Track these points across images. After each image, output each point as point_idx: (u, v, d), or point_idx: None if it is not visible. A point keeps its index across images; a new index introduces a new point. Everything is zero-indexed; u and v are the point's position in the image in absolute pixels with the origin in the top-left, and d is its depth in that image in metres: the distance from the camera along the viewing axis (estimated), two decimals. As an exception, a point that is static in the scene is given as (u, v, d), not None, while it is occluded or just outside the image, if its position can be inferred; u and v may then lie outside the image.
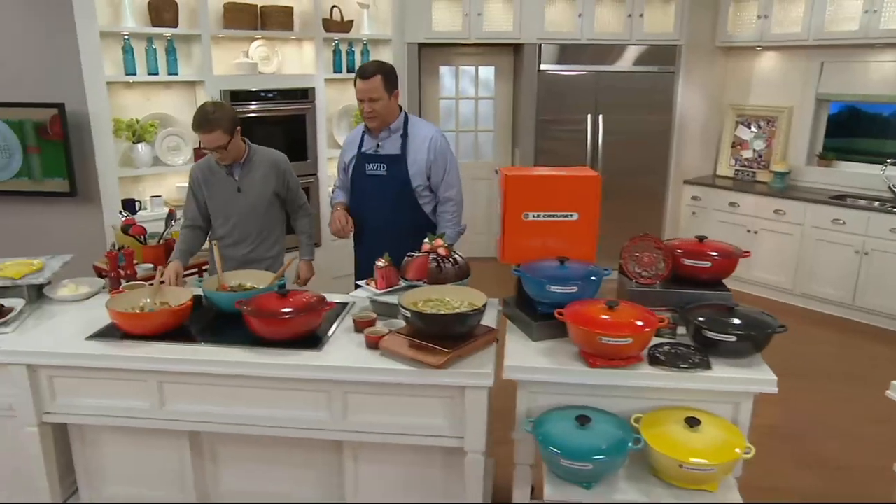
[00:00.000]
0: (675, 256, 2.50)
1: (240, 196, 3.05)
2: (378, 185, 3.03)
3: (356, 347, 2.31)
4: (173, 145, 4.51)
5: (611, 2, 5.41)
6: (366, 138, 3.08)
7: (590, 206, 2.54)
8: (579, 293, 2.31)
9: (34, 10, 3.95)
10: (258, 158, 3.09)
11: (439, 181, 3.05)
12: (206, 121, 2.85)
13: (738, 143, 5.81)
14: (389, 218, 3.04)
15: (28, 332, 2.48)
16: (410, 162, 3.00)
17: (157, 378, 2.29)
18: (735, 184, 5.61)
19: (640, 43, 5.45)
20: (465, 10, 5.32)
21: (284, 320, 2.26)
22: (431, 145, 3.01)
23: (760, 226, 5.27)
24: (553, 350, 2.27)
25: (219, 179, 3.05)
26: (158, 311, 2.38)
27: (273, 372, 2.21)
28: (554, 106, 5.64)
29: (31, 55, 4.01)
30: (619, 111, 5.61)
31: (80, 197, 4.15)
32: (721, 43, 5.58)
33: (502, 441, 2.62)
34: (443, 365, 2.11)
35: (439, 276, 2.48)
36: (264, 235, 3.14)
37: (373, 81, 2.88)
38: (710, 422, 2.01)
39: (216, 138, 2.87)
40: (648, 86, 5.57)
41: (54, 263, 2.88)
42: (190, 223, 3.10)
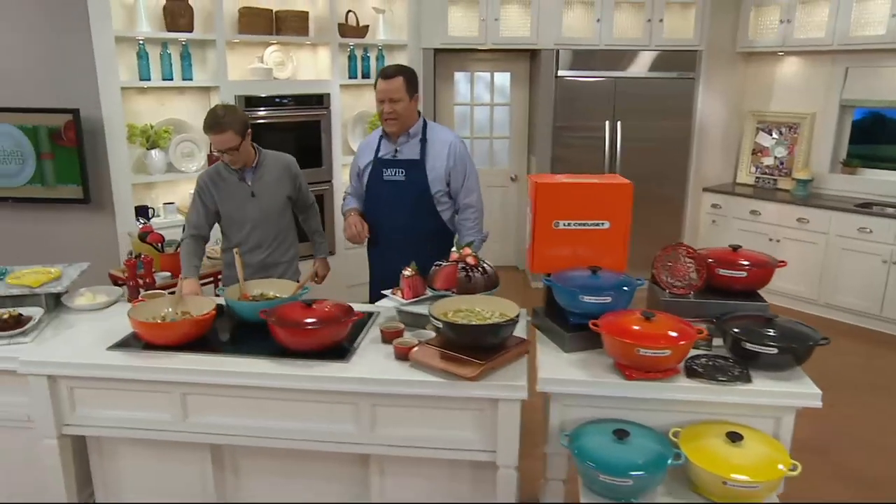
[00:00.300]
0: (708, 266, 2.48)
1: (254, 201, 3.04)
2: (396, 192, 3.01)
3: (384, 359, 2.28)
4: (187, 151, 4.51)
5: (629, 7, 5.41)
6: (383, 143, 3.07)
7: (621, 214, 2.52)
8: (613, 304, 2.29)
9: (49, 15, 3.96)
10: (269, 162, 3.09)
11: (459, 187, 3.03)
12: (218, 122, 2.85)
13: (758, 149, 5.79)
14: (407, 225, 3.02)
15: (47, 342, 2.47)
16: (429, 168, 2.98)
17: (181, 390, 2.27)
18: (756, 191, 5.59)
19: (660, 48, 5.43)
20: (481, 14, 5.32)
21: (312, 331, 2.24)
22: (451, 151, 3.00)
23: (783, 234, 5.24)
24: (587, 362, 2.25)
25: (230, 186, 3.04)
26: (182, 321, 2.36)
27: (300, 384, 2.19)
28: (571, 112, 5.63)
29: (45, 60, 4.02)
30: (638, 118, 5.60)
31: (94, 204, 4.15)
32: (742, 48, 5.56)
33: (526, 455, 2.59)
34: (476, 377, 2.09)
35: (468, 285, 2.46)
36: (280, 240, 3.13)
37: (395, 82, 2.87)
38: (753, 437, 1.98)
39: (228, 139, 2.87)
40: (668, 92, 5.55)
41: (72, 272, 2.88)
42: (195, 232, 3.06)
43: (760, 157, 5.77)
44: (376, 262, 3.18)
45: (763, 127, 5.75)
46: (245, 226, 3.04)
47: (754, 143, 5.80)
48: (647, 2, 5.31)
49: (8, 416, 2.47)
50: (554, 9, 5.35)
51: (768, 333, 2.14)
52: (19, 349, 2.41)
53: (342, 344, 2.33)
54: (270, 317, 2.29)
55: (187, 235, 3.03)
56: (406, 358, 2.24)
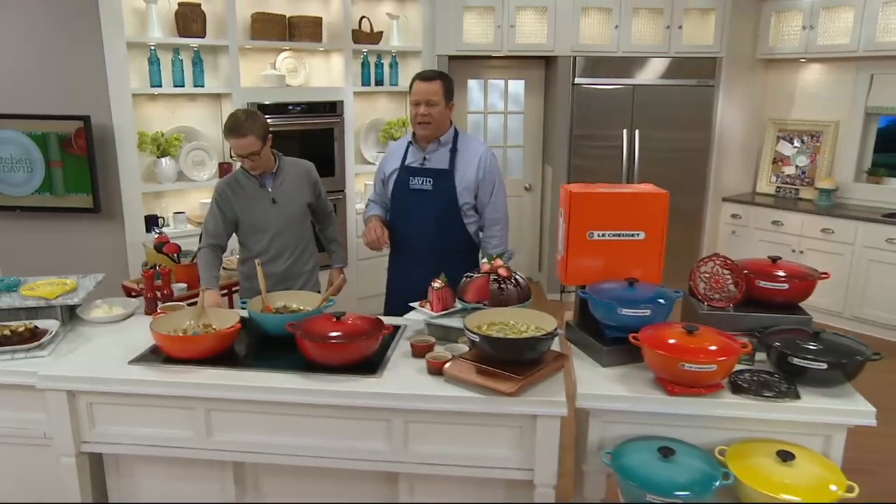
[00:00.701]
0: (747, 278, 2.46)
1: (275, 208, 3.02)
2: (422, 201, 2.99)
3: (416, 373, 2.25)
4: (198, 160, 4.50)
5: (648, 13, 5.41)
6: (411, 150, 3.05)
7: (657, 224, 2.50)
8: (652, 317, 2.27)
9: (60, 20, 3.96)
10: (289, 169, 3.09)
11: (486, 201, 3.01)
12: (239, 126, 2.85)
13: (779, 158, 5.77)
14: (432, 236, 3.00)
15: (65, 357, 2.44)
16: (458, 178, 2.96)
17: (206, 405, 2.24)
18: (777, 201, 5.57)
19: (679, 55, 5.44)
20: (497, 21, 5.32)
21: (343, 345, 2.21)
22: (481, 163, 2.98)
23: (806, 245, 5.22)
24: (626, 377, 2.22)
25: (251, 193, 3.02)
26: (207, 334, 2.34)
27: (331, 399, 2.15)
28: (588, 121, 5.63)
29: (55, 66, 4.01)
30: (656, 126, 5.59)
31: (104, 213, 4.13)
32: (762, 55, 5.56)
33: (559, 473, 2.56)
34: (515, 393, 2.06)
35: (501, 298, 2.44)
36: (301, 249, 3.12)
37: (433, 84, 2.87)
38: (804, 456, 1.95)
39: (249, 144, 2.86)
40: (687, 100, 5.55)
41: (87, 283, 2.85)
42: (213, 241, 3.04)
43: (781, 166, 5.76)
44: (397, 272, 3.15)
45: (784, 135, 5.74)
46: (266, 234, 3.02)
47: (775, 151, 5.79)
48: (666, 8, 5.32)
49: (24, 433, 2.43)
50: (571, 15, 5.36)
51: (816, 348, 2.11)
52: (37, 363, 2.38)
53: (372, 358, 2.30)
54: (298, 330, 2.26)
55: (205, 245, 3.00)
56: (440, 373, 2.21)
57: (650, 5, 5.35)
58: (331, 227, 3.31)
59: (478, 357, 2.21)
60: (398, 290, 3.07)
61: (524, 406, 2.09)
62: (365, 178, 5.42)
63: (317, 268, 3.20)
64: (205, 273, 2.92)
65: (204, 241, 3.01)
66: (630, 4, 5.33)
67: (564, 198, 2.54)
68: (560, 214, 2.58)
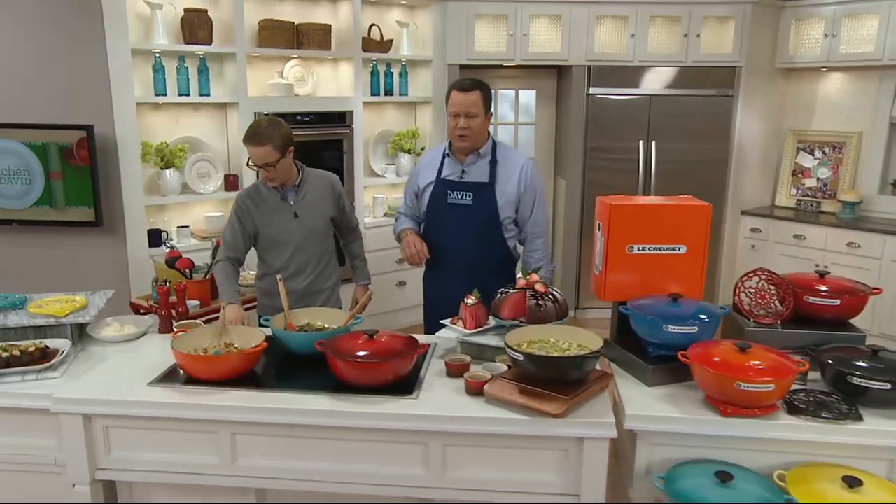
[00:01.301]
0: (795, 294, 2.43)
1: (297, 222, 2.99)
2: (461, 216, 2.95)
3: (453, 394, 2.21)
4: (203, 171, 4.46)
5: (665, 21, 5.43)
6: (447, 163, 3.01)
7: (699, 238, 2.48)
8: (698, 334, 2.24)
9: (62, 26, 3.92)
10: (312, 181, 3.06)
11: (528, 214, 2.98)
12: (258, 134, 2.83)
13: (799, 170, 5.78)
14: (471, 251, 2.96)
15: (79, 378, 2.38)
16: (499, 191, 2.93)
17: (231, 429, 2.18)
18: (797, 214, 5.56)
19: (697, 65, 5.45)
20: (510, 29, 5.33)
21: (377, 364, 2.17)
22: (523, 175, 2.95)
23: (831, 260, 5.20)
24: (673, 396, 2.19)
25: (272, 206, 2.99)
26: (233, 354, 2.29)
27: (365, 422, 2.11)
28: (603, 132, 5.62)
29: (56, 74, 3.97)
30: (674, 137, 5.59)
31: (105, 227, 4.08)
32: (781, 64, 5.58)
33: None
34: (562, 414, 2.02)
35: (539, 314, 2.40)
36: (322, 265, 3.08)
37: (472, 95, 2.84)
38: (871, 482, 1.91)
39: (265, 153, 2.83)
40: (705, 110, 5.55)
41: (98, 300, 2.80)
42: (231, 255, 3.00)
43: (801, 179, 5.77)
44: (433, 289, 3.11)
45: (804, 146, 5.75)
46: (287, 249, 2.98)
47: (795, 163, 5.80)
48: (684, 16, 5.34)
49: (32, 459, 2.35)
50: (585, 24, 5.37)
51: (876, 367, 2.09)
52: (49, 385, 2.32)
53: (406, 378, 2.26)
54: (329, 349, 2.22)
55: (223, 258, 2.96)
56: (479, 393, 2.17)
57: (667, 13, 5.37)
58: (355, 243, 3.27)
59: (519, 376, 2.18)
60: (436, 306, 3.02)
61: (571, 428, 2.05)
62: (373, 191, 5.40)
63: (338, 285, 3.16)
64: (225, 287, 2.88)
65: (221, 253, 2.97)
66: (646, 12, 5.35)
67: (603, 210, 2.51)
68: (598, 228, 2.56)
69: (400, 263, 5.26)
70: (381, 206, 5.28)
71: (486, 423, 2.08)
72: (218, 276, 2.92)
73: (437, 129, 5.47)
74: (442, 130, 5.49)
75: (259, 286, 3.12)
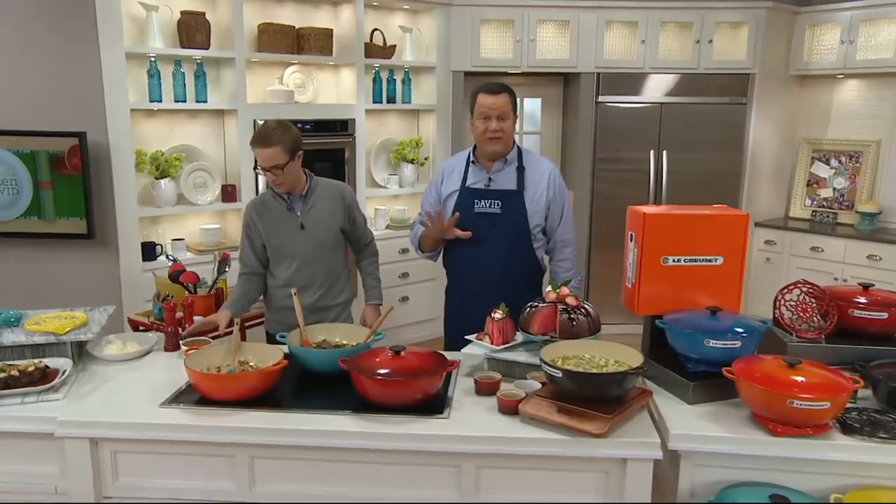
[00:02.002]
0: (839, 307, 2.42)
1: (304, 234, 2.95)
2: (489, 225, 2.92)
3: (486, 413, 2.17)
4: (200, 182, 4.41)
5: (676, 27, 5.46)
6: (472, 171, 2.98)
7: (737, 249, 2.47)
8: (741, 349, 2.22)
9: (53, 27, 3.86)
10: (321, 191, 3.02)
11: (556, 223, 2.97)
12: (266, 136, 2.81)
13: (814, 180, 5.81)
14: (500, 263, 2.93)
15: (83, 400, 2.31)
16: (528, 199, 2.91)
17: (249, 452, 2.13)
18: (813, 226, 5.58)
19: (709, 72, 5.47)
20: (517, 35, 5.33)
21: (406, 382, 2.12)
22: (551, 181, 2.94)
23: (850, 273, 5.21)
24: (717, 415, 2.15)
25: (277, 216, 2.95)
26: (251, 372, 2.24)
27: (394, 444, 2.06)
28: (612, 141, 5.63)
29: (46, 79, 3.91)
30: (685, 147, 5.60)
31: (97, 240, 4.01)
32: (796, 71, 5.61)
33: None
34: (605, 433, 1.98)
35: (571, 329, 2.37)
36: (332, 280, 3.04)
37: (502, 97, 2.83)
38: (934, 503, 1.89)
39: (273, 155, 2.80)
40: (718, 119, 5.57)
41: (99, 316, 2.74)
42: (248, 270, 3.00)
43: (817, 189, 5.79)
44: (457, 304, 3.08)
45: (819, 156, 5.78)
46: (293, 262, 2.94)
47: (809, 173, 5.83)
48: (696, 21, 5.36)
49: (32, 488, 2.27)
50: (594, 29, 5.38)
51: (933, 382, 2.07)
52: (51, 408, 2.25)
53: (434, 397, 2.22)
54: (354, 367, 2.17)
55: (240, 274, 2.97)
56: (513, 412, 2.13)
57: (678, 19, 5.39)
58: (368, 260, 3.21)
59: (555, 394, 2.14)
60: (458, 321, 2.98)
61: (613, 448, 2.01)
62: (375, 202, 5.37)
63: (350, 301, 3.12)
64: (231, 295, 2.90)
65: (241, 269, 3.00)
66: (657, 18, 5.37)
67: (635, 220, 2.49)
68: (630, 238, 2.54)
69: (403, 278, 5.22)
70: (383, 219, 5.24)
71: (523, 443, 2.04)
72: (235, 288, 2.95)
73: (441, 138, 5.45)
74: (446, 140, 5.48)
75: (266, 301, 3.07)
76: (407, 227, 5.28)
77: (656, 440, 2.02)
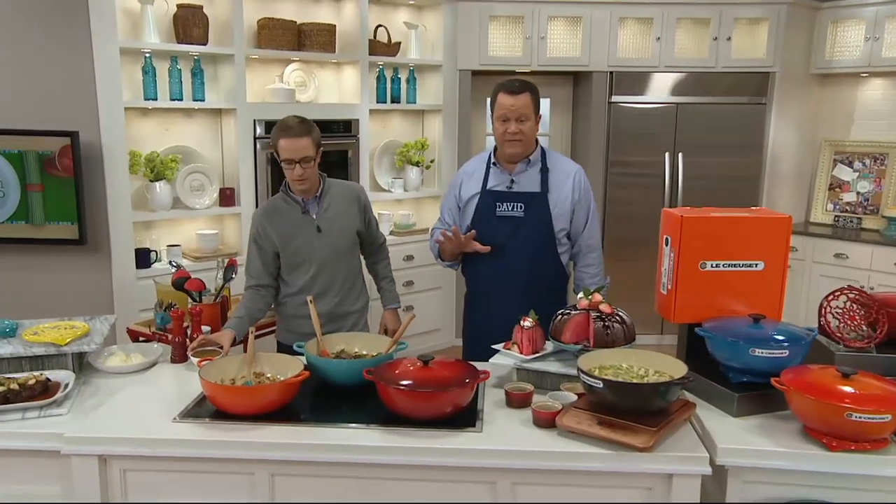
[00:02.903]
0: (889, 315, 2.41)
1: (321, 237, 2.93)
2: (512, 230, 2.91)
3: (520, 426, 2.15)
4: (197, 185, 4.38)
5: (692, 24, 5.48)
6: (493, 172, 2.97)
7: (778, 253, 2.47)
8: (789, 358, 2.21)
9: (43, 21, 3.83)
10: (335, 191, 3.01)
11: (581, 227, 2.96)
12: (295, 125, 2.81)
13: (836, 184, 5.83)
14: (523, 269, 2.91)
15: (89, 415, 2.28)
16: (552, 201, 2.90)
17: (270, 469, 2.10)
18: (835, 231, 5.59)
19: (728, 70, 5.49)
20: (526, 32, 5.33)
21: (436, 393, 2.10)
22: (576, 183, 2.93)
23: (877, 281, 5.22)
24: (765, 428, 2.14)
25: (291, 220, 2.93)
26: (273, 384, 2.21)
27: (426, 459, 2.03)
28: (625, 144, 5.64)
29: (36, 75, 3.88)
30: (702, 149, 5.61)
31: (90, 246, 3.97)
32: (817, 69, 5.64)
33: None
34: (650, 447, 1.96)
35: (606, 338, 2.36)
36: (349, 284, 3.02)
37: (523, 98, 2.81)
38: None
39: (304, 147, 2.80)
40: (736, 120, 5.58)
41: (100, 326, 2.72)
42: (254, 283, 2.95)
43: (839, 193, 5.81)
44: (479, 310, 3.06)
45: (841, 158, 5.80)
46: (310, 268, 2.92)
47: (831, 176, 5.85)
48: (713, 18, 5.38)
49: (32, 509, 2.26)
50: (607, 26, 5.39)
51: None
52: (54, 423, 2.22)
53: (465, 409, 2.19)
54: (379, 377, 2.15)
55: (246, 286, 2.93)
56: (549, 425, 2.11)
57: (695, 15, 5.41)
58: (382, 262, 3.20)
59: (594, 406, 2.12)
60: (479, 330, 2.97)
61: (659, 463, 1.99)
62: (379, 207, 5.33)
63: (367, 307, 3.11)
64: (235, 312, 2.87)
65: (247, 281, 2.95)
66: (673, 14, 5.38)
67: (671, 223, 2.48)
68: (665, 243, 2.53)
69: (408, 286, 5.20)
70: (387, 224, 5.22)
71: (562, 458, 2.02)
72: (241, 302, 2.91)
73: (447, 140, 5.44)
74: (452, 142, 5.47)
75: (279, 310, 3.04)
76: (412, 232, 5.27)
77: (704, 455, 2.00)
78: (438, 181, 5.53)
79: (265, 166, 4.47)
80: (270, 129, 4.42)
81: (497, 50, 5.41)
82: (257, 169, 4.46)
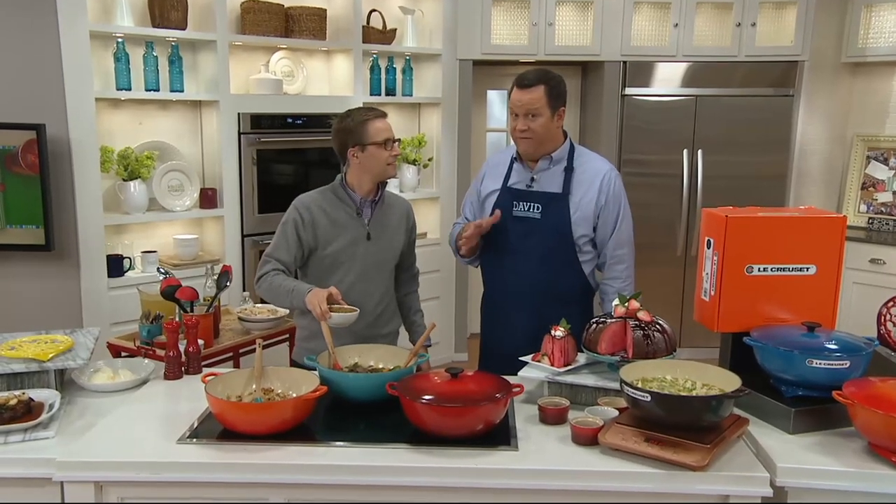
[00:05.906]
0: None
1: (368, 244, 2.93)
2: (526, 232, 2.94)
3: (558, 443, 2.19)
4: (175, 184, 4.39)
5: (714, 8, 5.56)
6: (515, 169, 3.01)
7: (831, 256, 2.53)
8: (849, 370, 2.25)
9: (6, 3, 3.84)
10: (391, 201, 3.05)
11: (607, 235, 2.97)
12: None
13: (870, 183, 5.92)
14: (536, 276, 2.94)
15: (79, 437, 2.27)
16: (573, 204, 2.92)
17: (286, 494, 2.11)
18: (869, 235, 5.68)
19: (752, 59, 5.58)
20: (532, 18, 5.39)
21: (468, 409, 2.13)
22: (604, 185, 2.94)
23: (917, 289, 5.32)
24: (826, 445, 2.18)
25: (340, 221, 2.91)
26: (288, 400, 2.23)
27: (458, 480, 2.06)
28: (639, 140, 5.72)
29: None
30: (724, 146, 5.70)
31: (57, 252, 3.96)
32: (849, 58, 5.73)
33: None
34: (705, 466, 2.00)
35: (647, 348, 2.40)
36: (385, 304, 3.01)
37: (534, 91, 2.83)
38: None
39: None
40: (761, 113, 5.68)
41: (84, 340, 2.72)
42: (282, 268, 2.87)
43: (873, 193, 5.91)
44: (493, 318, 3.09)
45: (875, 155, 5.90)
46: (349, 274, 2.89)
47: (864, 174, 5.95)
48: (737, 2, 5.47)
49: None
50: (620, 12, 5.46)
51: None
52: (40, 447, 2.21)
53: (497, 426, 2.23)
54: (404, 392, 2.17)
55: (274, 269, 2.85)
56: (589, 442, 2.15)
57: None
58: (415, 294, 3.20)
59: (639, 421, 2.16)
60: (493, 340, 3.00)
61: (714, 484, 2.03)
62: (371, 209, 5.37)
63: (397, 333, 3.10)
64: (287, 285, 2.78)
65: (271, 265, 2.86)
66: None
67: (714, 225, 2.53)
68: (707, 245, 2.58)
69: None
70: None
71: (607, 478, 2.05)
72: (272, 286, 2.81)
73: (447, 136, 5.49)
74: (452, 138, 5.53)
75: (302, 322, 2.99)
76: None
77: (765, 475, 2.04)
78: (437, 181, 5.57)
79: (251, 165, 4.48)
80: (256, 123, 4.48)
81: (500, 38, 5.47)
82: (242, 167, 4.47)
